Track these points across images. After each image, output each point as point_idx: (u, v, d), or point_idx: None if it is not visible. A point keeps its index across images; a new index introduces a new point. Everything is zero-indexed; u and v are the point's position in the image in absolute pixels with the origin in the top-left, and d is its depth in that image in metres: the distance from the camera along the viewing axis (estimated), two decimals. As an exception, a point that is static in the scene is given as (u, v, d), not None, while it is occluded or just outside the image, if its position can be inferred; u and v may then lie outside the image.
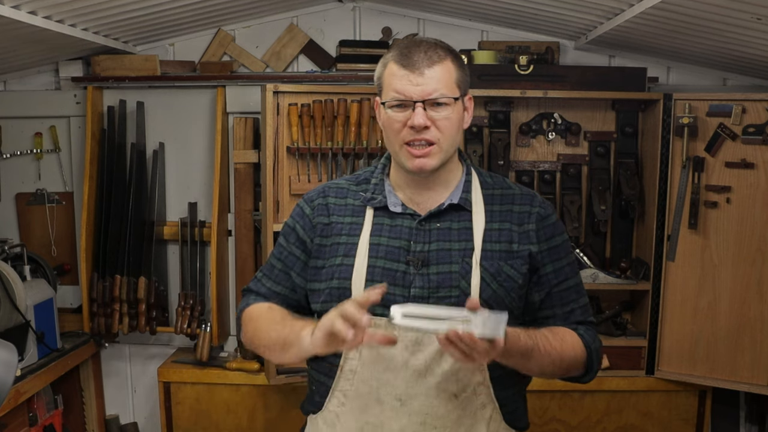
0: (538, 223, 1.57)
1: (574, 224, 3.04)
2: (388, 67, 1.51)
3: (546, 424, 3.04)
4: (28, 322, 2.77)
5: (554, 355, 1.47)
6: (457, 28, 3.22)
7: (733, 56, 2.80)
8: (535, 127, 3.09)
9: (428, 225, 1.54)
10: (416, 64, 1.46)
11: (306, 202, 1.64)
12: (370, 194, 1.59)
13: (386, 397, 1.50)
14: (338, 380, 1.53)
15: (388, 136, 1.54)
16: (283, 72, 3.23)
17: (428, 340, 1.47)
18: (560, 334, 1.52)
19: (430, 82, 1.46)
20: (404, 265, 1.52)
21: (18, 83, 3.31)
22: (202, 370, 3.14)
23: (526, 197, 1.60)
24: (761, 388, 2.83)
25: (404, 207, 1.57)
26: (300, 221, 1.62)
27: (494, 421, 1.54)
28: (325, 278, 1.55)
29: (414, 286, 1.50)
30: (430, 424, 1.50)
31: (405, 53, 1.48)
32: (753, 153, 2.77)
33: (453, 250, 1.52)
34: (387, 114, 1.51)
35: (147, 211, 3.23)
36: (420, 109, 1.46)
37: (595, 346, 1.59)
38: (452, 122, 1.49)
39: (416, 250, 1.52)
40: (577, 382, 1.62)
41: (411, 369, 1.48)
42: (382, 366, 1.49)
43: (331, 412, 1.56)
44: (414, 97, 1.46)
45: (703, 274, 2.87)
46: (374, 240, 1.54)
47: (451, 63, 1.50)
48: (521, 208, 1.58)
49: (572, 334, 1.55)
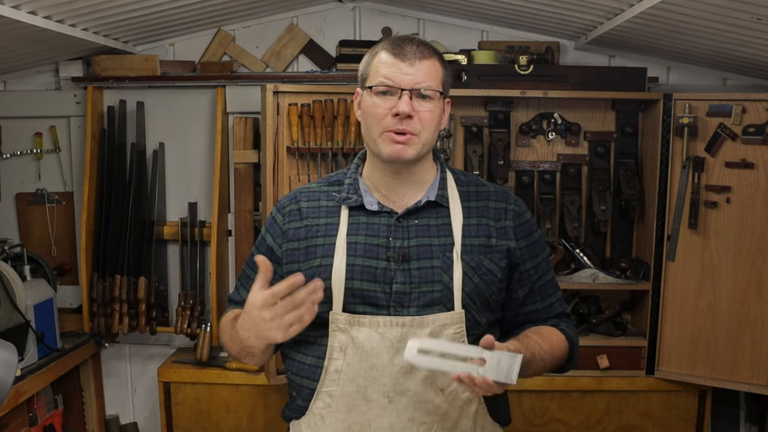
0: (514, 220, 1.60)
1: (574, 224, 3.05)
2: (378, 56, 1.53)
3: (546, 424, 3.04)
4: (28, 322, 2.77)
5: (547, 359, 1.53)
6: (457, 28, 3.23)
7: (733, 56, 2.80)
8: (535, 127, 3.09)
9: (406, 222, 1.55)
10: (408, 54, 1.50)
11: (278, 210, 1.65)
12: (345, 194, 1.59)
13: (374, 395, 1.50)
14: (323, 382, 1.53)
15: (368, 124, 1.54)
16: (283, 72, 3.23)
17: (413, 336, 1.48)
18: (548, 335, 1.57)
19: (419, 73, 1.49)
20: (384, 261, 1.52)
21: (18, 83, 3.31)
22: (202, 370, 3.14)
23: (501, 194, 1.63)
24: (761, 388, 2.83)
25: (381, 206, 1.58)
26: (270, 229, 1.63)
27: (480, 415, 1.56)
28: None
29: (396, 282, 1.51)
30: (418, 420, 1.51)
31: (397, 44, 1.52)
32: (753, 153, 2.77)
33: (433, 246, 1.53)
34: (371, 100, 1.51)
35: (147, 211, 3.23)
36: (406, 98, 1.48)
37: (575, 339, 1.65)
38: (434, 116, 1.52)
39: (396, 246, 1.53)
40: (558, 372, 1.66)
41: (398, 366, 1.49)
42: (368, 364, 1.50)
43: (315, 415, 1.55)
44: (402, 85, 1.48)
45: (703, 274, 2.87)
46: (351, 239, 1.55)
47: (438, 62, 1.54)
48: (497, 204, 1.61)
49: (557, 332, 1.61)
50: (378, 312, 1.50)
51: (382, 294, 1.50)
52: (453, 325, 1.50)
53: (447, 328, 1.50)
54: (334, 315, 1.51)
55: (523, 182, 3.08)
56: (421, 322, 1.49)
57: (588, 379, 2.99)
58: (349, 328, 1.50)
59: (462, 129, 3.08)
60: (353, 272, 1.52)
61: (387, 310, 1.50)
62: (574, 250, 3.03)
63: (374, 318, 1.49)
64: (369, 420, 1.51)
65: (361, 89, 1.57)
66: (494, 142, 3.03)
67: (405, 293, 1.50)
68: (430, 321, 1.49)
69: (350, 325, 1.50)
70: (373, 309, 1.50)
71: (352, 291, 1.51)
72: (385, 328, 1.48)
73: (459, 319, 1.50)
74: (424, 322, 1.49)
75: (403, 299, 1.50)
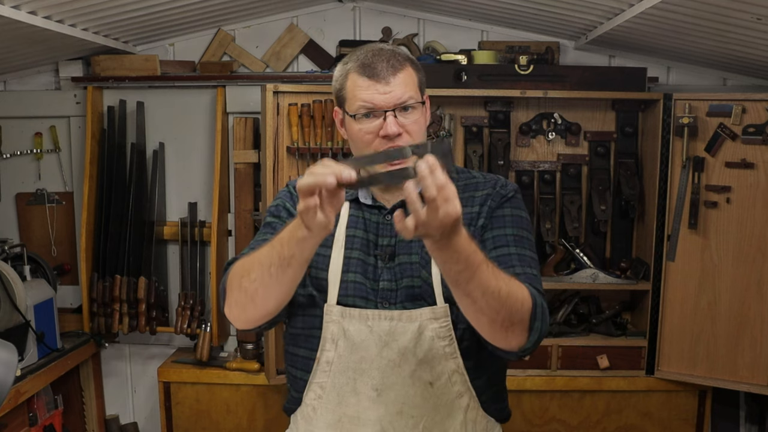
0: (492, 201, 1.56)
1: (574, 224, 3.05)
2: (350, 79, 1.50)
3: (546, 424, 3.04)
4: (28, 322, 2.77)
5: (501, 284, 1.28)
6: (457, 28, 3.22)
7: (733, 56, 2.80)
8: (535, 127, 3.09)
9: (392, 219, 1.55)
10: (381, 73, 1.47)
11: (291, 186, 1.65)
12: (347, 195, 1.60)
13: (363, 388, 1.52)
14: (315, 373, 1.54)
15: (358, 148, 1.53)
16: (283, 72, 3.23)
17: (401, 330, 1.48)
18: (507, 273, 1.35)
19: (397, 89, 1.47)
20: (373, 258, 1.54)
21: (18, 83, 3.31)
22: (202, 370, 3.14)
23: (489, 182, 1.60)
24: (761, 388, 2.83)
25: (374, 200, 1.59)
26: (288, 201, 1.61)
27: (471, 409, 1.55)
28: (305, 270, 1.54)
29: (382, 279, 1.52)
30: (407, 413, 1.51)
31: (367, 63, 1.48)
32: (753, 153, 2.77)
33: (413, 242, 1.52)
34: (356, 126, 1.50)
35: (147, 211, 3.23)
36: (392, 118, 1.46)
37: (543, 304, 1.39)
38: (420, 125, 1.51)
39: (383, 244, 1.55)
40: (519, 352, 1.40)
41: (386, 359, 1.50)
42: (358, 357, 1.51)
43: (308, 406, 1.57)
44: (384, 106, 1.47)
45: (703, 273, 2.87)
46: (350, 232, 1.56)
47: (411, 68, 1.51)
48: (483, 191, 1.58)
49: (519, 282, 1.37)
50: (366, 306, 1.51)
51: (371, 290, 1.52)
52: (438, 320, 1.50)
53: (433, 323, 1.50)
54: (328, 307, 1.52)
55: (523, 182, 3.08)
56: (409, 316, 1.50)
57: (588, 379, 3.00)
58: (341, 320, 1.51)
59: (462, 129, 3.08)
60: (349, 265, 1.53)
61: (375, 305, 1.51)
62: (574, 250, 3.03)
63: (364, 311, 1.50)
64: (358, 412, 1.52)
65: (339, 108, 1.55)
66: (494, 142, 3.03)
67: (391, 290, 1.52)
68: (418, 315, 1.50)
69: (342, 317, 1.51)
70: (363, 302, 1.51)
71: (346, 284, 1.52)
72: (374, 321, 1.50)
73: (443, 314, 1.50)
74: (412, 317, 1.50)
75: (389, 296, 1.51)
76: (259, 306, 1.42)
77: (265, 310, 1.44)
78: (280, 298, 1.42)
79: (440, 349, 1.50)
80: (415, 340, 1.49)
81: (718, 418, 3.19)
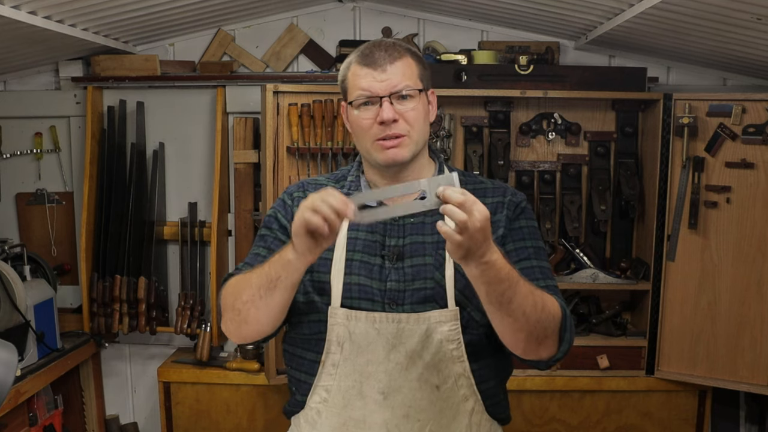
0: (508, 210, 1.57)
1: (574, 224, 3.05)
2: (351, 69, 1.54)
3: (546, 424, 3.05)
4: (28, 322, 2.77)
5: (537, 299, 1.35)
6: (457, 28, 3.22)
7: (733, 56, 2.80)
8: (535, 127, 3.09)
9: (402, 220, 1.55)
10: (378, 61, 1.50)
11: (286, 195, 1.65)
12: (347, 190, 1.61)
13: (369, 391, 1.51)
14: (320, 376, 1.53)
15: (358, 136, 1.55)
16: (283, 72, 3.23)
17: (409, 332, 1.48)
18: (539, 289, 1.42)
19: (393, 77, 1.49)
20: (380, 258, 1.53)
21: (18, 83, 3.31)
22: (202, 370, 3.14)
23: (499, 189, 1.62)
24: (761, 388, 2.83)
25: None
26: (281, 210, 1.62)
27: (476, 413, 1.55)
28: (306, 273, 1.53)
29: (390, 280, 1.51)
30: (413, 417, 1.51)
31: (366, 53, 1.52)
32: (753, 153, 2.77)
33: (426, 243, 1.53)
34: (355, 114, 1.53)
35: (147, 211, 3.23)
36: (387, 104, 1.48)
37: (569, 314, 1.46)
38: (419, 113, 1.52)
39: (391, 245, 1.54)
40: (549, 361, 1.46)
41: (393, 362, 1.49)
42: (364, 359, 1.50)
43: (312, 409, 1.55)
44: (380, 93, 1.49)
45: (703, 273, 2.87)
46: (352, 234, 1.55)
47: (410, 59, 1.54)
48: (494, 199, 1.58)
49: (548, 294, 1.44)
50: (373, 308, 1.50)
51: (378, 291, 1.51)
52: (447, 323, 1.49)
53: (442, 325, 1.49)
54: (332, 310, 1.51)
55: (523, 182, 3.08)
56: (417, 318, 1.49)
57: (588, 379, 3.00)
58: (346, 323, 1.50)
59: (462, 129, 3.08)
60: (351, 267, 1.52)
61: (382, 306, 1.50)
62: (574, 250, 3.03)
63: (371, 314, 1.50)
64: (364, 416, 1.51)
65: (345, 103, 1.58)
66: (494, 142, 3.03)
67: (399, 291, 1.51)
68: (426, 318, 1.49)
69: (348, 320, 1.50)
70: (369, 305, 1.50)
71: (350, 286, 1.51)
72: (381, 323, 1.49)
73: (453, 317, 1.50)
74: (420, 319, 1.49)
75: (397, 297, 1.50)
76: (252, 325, 1.46)
77: (259, 329, 1.48)
78: (272, 317, 1.45)
79: (448, 352, 1.49)
80: (423, 343, 1.48)
81: (718, 418, 3.19)
